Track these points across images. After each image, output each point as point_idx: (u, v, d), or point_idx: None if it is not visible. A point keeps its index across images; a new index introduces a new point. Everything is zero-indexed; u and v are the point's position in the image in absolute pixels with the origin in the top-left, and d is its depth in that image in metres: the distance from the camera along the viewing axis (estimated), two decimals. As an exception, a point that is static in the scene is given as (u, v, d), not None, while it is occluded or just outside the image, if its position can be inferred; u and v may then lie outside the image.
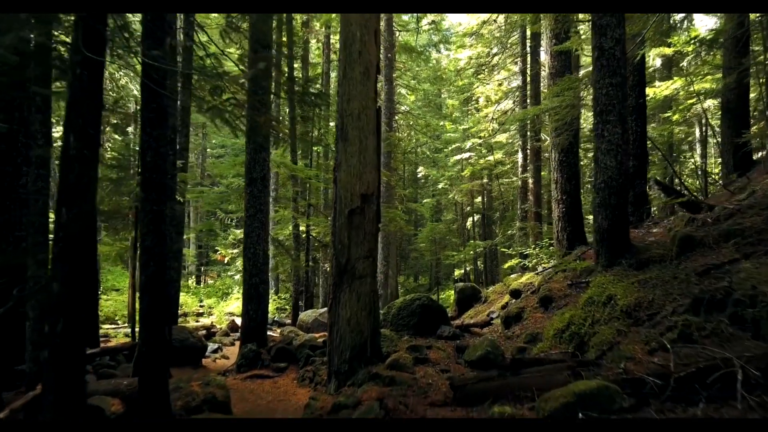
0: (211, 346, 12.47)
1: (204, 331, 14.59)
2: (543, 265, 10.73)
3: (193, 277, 26.06)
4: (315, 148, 16.79)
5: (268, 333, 15.40)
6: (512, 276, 11.35)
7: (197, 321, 16.71)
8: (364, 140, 5.38)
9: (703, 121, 18.78)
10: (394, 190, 20.75)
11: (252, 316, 9.49)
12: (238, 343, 11.50)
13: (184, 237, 26.37)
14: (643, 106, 9.79)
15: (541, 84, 17.90)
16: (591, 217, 16.66)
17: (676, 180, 13.98)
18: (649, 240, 7.05)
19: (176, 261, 12.47)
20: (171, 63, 5.19)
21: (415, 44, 19.88)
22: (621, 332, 4.10)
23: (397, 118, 22.13)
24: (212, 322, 15.76)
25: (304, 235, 14.88)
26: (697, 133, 18.75)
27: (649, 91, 11.19)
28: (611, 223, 5.21)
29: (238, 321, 13.53)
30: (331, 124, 17.37)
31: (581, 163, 14.30)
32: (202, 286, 24.19)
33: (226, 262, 22.40)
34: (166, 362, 5.07)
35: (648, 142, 10.11)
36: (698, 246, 4.80)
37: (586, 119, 16.68)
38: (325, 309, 10.05)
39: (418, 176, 29.19)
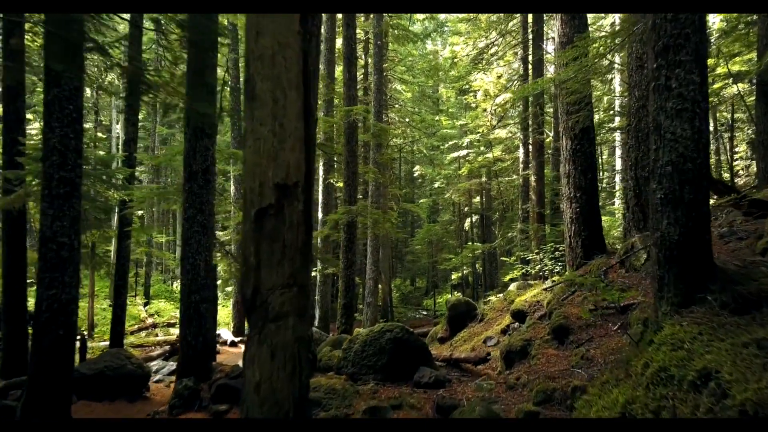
0: (169, 366, 10.37)
1: (168, 347, 12.53)
2: (553, 278, 8.44)
3: (180, 281, 23.81)
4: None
5: (237, 348, 13.23)
6: (513, 287, 9.04)
7: (167, 334, 14.56)
8: (281, 98, 2.92)
9: (719, 112, 16.50)
10: (387, 189, 18.47)
11: (191, 343, 7.18)
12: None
13: (169, 239, 24.48)
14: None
15: (545, 71, 15.73)
16: (606, 217, 14.36)
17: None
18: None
19: (121, 270, 10.37)
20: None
21: (408, 26, 17.54)
22: (751, 463, 1.90)
23: (390, 112, 19.94)
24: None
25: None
26: (711, 125, 16.42)
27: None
28: (686, 231, 2.91)
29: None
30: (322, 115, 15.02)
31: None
32: (187, 290, 21.98)
33: (209, 266, 20.22)
34: None
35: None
36: None
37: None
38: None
39: (415, 175, 26.94)
